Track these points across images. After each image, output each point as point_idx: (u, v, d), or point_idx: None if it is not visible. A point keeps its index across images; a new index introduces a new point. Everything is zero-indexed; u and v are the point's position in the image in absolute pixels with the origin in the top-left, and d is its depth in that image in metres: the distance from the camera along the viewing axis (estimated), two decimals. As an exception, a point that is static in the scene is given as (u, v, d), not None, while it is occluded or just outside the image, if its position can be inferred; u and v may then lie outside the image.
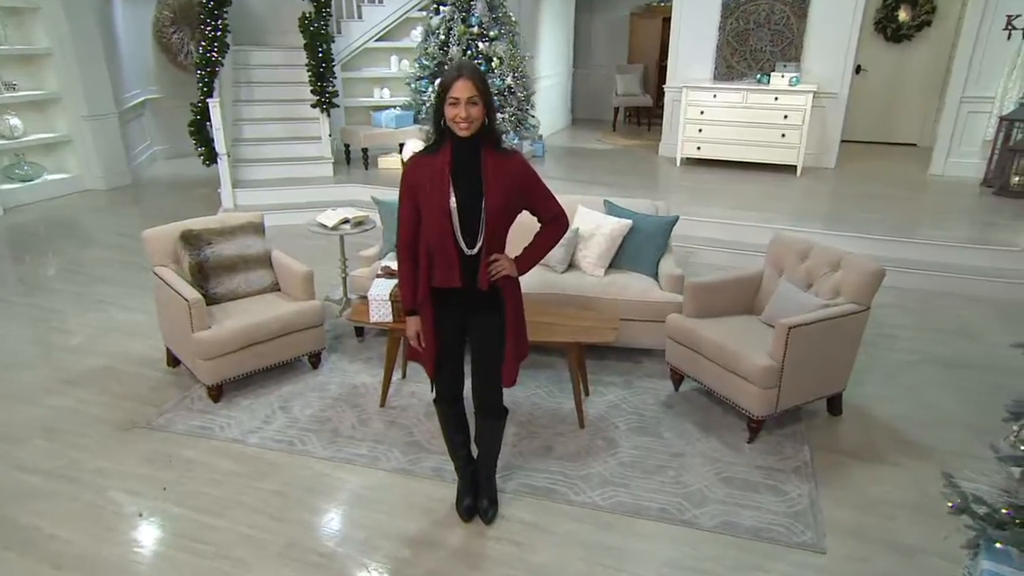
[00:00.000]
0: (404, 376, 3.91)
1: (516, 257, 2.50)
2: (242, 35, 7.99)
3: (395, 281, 3.55)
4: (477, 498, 2.85)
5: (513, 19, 7.97)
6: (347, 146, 8.21)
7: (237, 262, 4.01)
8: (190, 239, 3.94)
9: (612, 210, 4.32)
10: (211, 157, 7.19)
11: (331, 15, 7.78)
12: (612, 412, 3.60)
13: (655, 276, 4.18)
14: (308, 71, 7.44)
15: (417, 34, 8.73)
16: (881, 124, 9.43)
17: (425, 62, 8.05)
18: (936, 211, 6.43)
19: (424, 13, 8.28)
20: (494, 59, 7.67)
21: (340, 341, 4.36)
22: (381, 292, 3.46)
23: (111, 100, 8.25)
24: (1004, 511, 2.25)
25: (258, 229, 4.19)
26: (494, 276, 2.45)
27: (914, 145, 9.34)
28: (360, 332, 4.40)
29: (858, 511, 2.90)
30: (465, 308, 2.53)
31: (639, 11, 11.09)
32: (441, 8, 7.76)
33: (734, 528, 2.79)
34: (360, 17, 8.68)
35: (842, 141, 8.12)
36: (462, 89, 2.25)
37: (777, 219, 6.04)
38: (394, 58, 8.93)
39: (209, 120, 7.05)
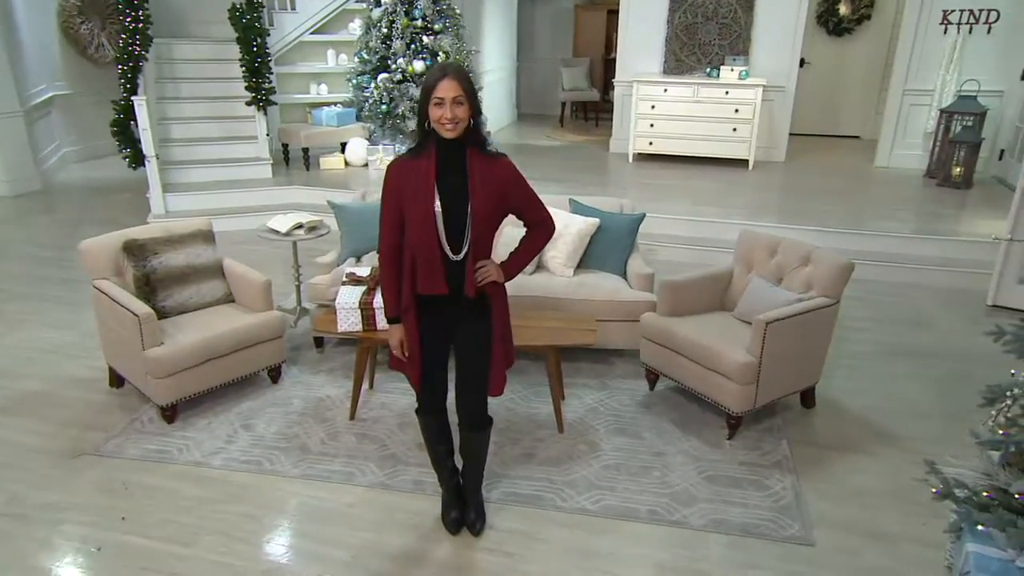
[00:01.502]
0: (372, 387, 3.89)
1: (503, 263, 2.53)
2: (161, 27, 7.70)
3: (363, 288, 3.53)
4: (465, 510, 2.87)
5: (457, 12, 7.99)
6: (285, 146, 8.06)
7: (187, 272, 3.90)
8: (134, 249, 3.81)
9: (578, 209, 4.41)
10: (138, 159, 6.93)
11: (263, 6, 7.61)
12: (590, 415, 3.68)
13: (624, 275, 4.29)
14: (242, 66, 7.27)
15: (356, 27, 8.63)
16: (825, 117, 9.88)
17: (366, 56, 7.98)
18: (885, 203, 6.80)
19: (364, 5, 8.18)
20: (440, 53, 7.67)
21: (298, 353, 4.30)
22: (349, 300, 3.44)
23: (14, 97, 7.81)
24: (985, 494, 2.43)
25: (208, 237, 4.09)
26: (481, 282, 2.47)
27: (857, 138, 9.83)
28: (320, 343, 4.34)
29: (841, 502, 3.06)
30: (450, 316, 2.55)
31: (583, 3, 11.28)
32: (382, 0, 7.70)
33: (724, 526, 2.90)
34: (294, 8, 8.50)
35: (790, 135, 8.47)
36: (447, 89, 2.26)
37: (734, 214, 6.27)
38: (331, 52, 8.80)
39: (134, 119, 6.79)
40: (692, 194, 6.90)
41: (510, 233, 3.31)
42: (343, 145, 8.15)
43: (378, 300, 3.45)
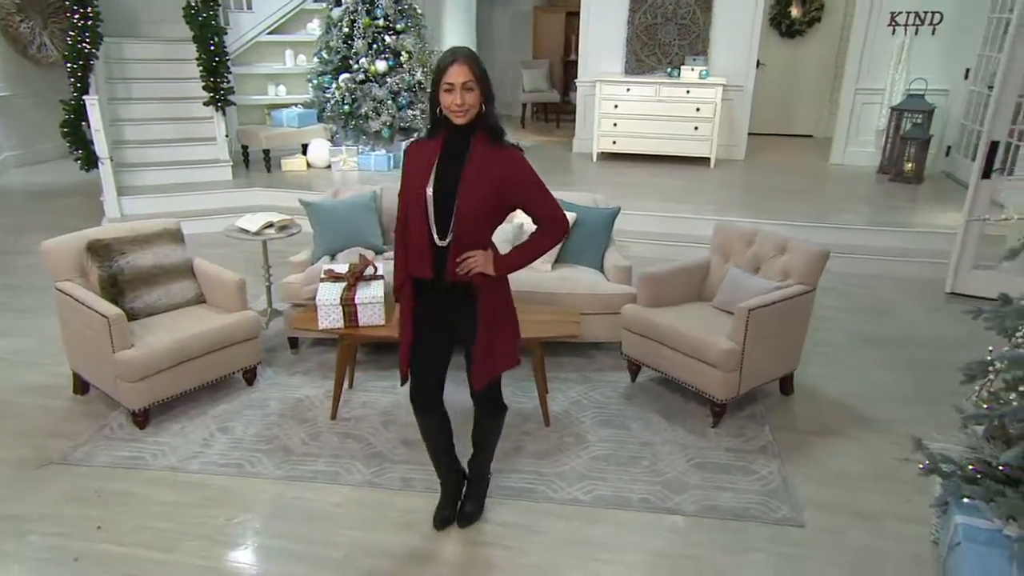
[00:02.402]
0: (352, 386, 3.81)
1: (502, 255, 2.50)
2: (109, 26, 7.43)
3: (343, 284, 3.46)
4: (460, 506, 2.83)
5: (419, 11, 7.94)
6: (245, 148, 7.87)
7: (156, 273, 3.77)
8: (99, 250, 3.66)
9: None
10: (90, 161, 6.67)
11: (219, 5, 7.43)
12: (575, 408, 3.67)
13: (601, 269, 4.31)
14: (199, 66, 7.08)
15: (315, 27, 8.51)
16: (780, 117, 10.12)
17: (326, 56, 7.87)
18: (842, 198, 7.00)
19: (323, 5, 8.07)
20: (403, 53, 7.62)
21: (272, 354, 4.19)
22: (330, 296, 3.36)
23: (-51, 100, 7.47)
24: (971, 468, 2.50)
25: (176, 236, 3.96)
26: (463, 272, 2.43)
27: (811, 136, 10.10)
28: (294, 344, 4.24)
29: (825, 485, 3.11)
30: (446, 305, 2.51)
31: (542, 5, 11.34)
32: (343, 0, 7.60)
33: (716, 511, 2.93)
34: (250, 8, 8.32)
35: (748, 134, 8.65)
36: (457, 74, 2.24)
37: (700, 210, 6.36)
38: (289, 52, 8.63)
39: (85, 119, 6.55)
40: (658, 192, 6.98)
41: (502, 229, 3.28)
42: (304, 146, 8.01)
43: (359, 296, 3.38)
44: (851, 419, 3.62)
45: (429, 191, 2.36)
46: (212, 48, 7.05)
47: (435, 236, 2.39)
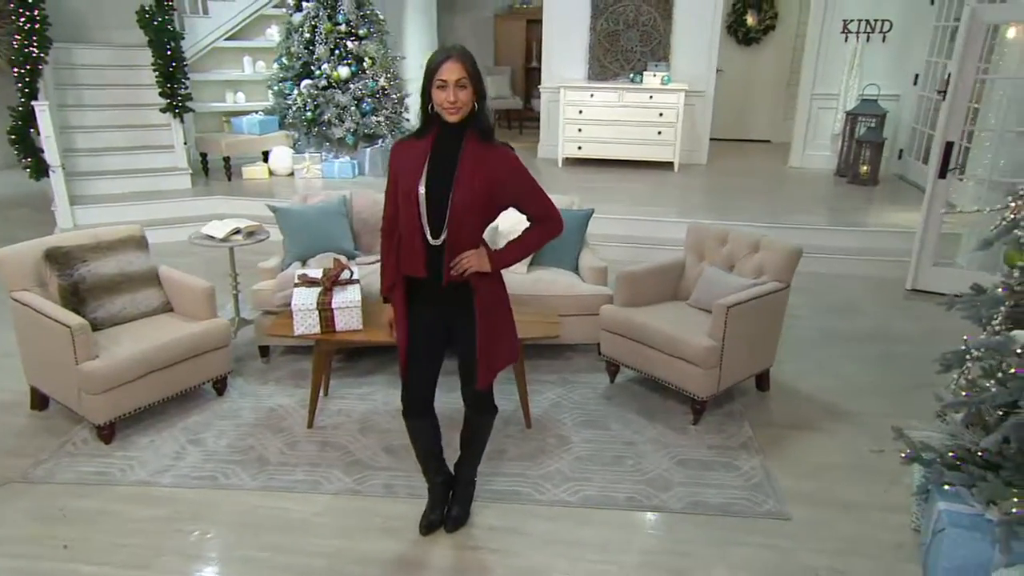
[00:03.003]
0: (327, 394, 3.73)
1: (496, 252, 2.47)
2: (57, 31, 7.18)
3: (318, 289, 3.38)
4: (446, 510, 2.78)
5: (381, 17, 7.88)
6: (204, 155, 7.68)
7: (119, 281, 3.63)
8: (58, 258, 3.51)
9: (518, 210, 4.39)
10: (40, 170, 6.43)
11: (175, 9, 7.25)
12: (555, 410, 3.66)
13: (576, 270, 4.31)
14: (155, 71, 6.91)
15: (273, 32, 8.39)
16: (738, 122, 10.32)
17: (287, 62, 7.74)
18: (803, 200, 7.15)
19: (283, 10, 7.95)
20: (366, 59, 7.55)
21: (241, 364, 4.07)
22: (306, 301, 3.28)
23: None
24: (951, 454, 2.55)
25: (140, 243, 3.83)
26: (459, 271, 2.40)
27: (768, 141, 10.32)
28: (265, 352, 4.13)
29: (807, 477, 3.15)
30: (441, 305, 2.48)
31: (503, 13, 11.37)
32: (304, 4, 7.50)
33: (702, 507, 2.93)
34: (206, 13, 8.15)
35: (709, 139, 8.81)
36: (450, 71, 2.22)
37: (668, 213, 6.44)
38: (248, 59, 8.49)
39: (34, 126, 6.31)
40: (624, 196, 7.03)
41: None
42: (265, 154, 7.86)
43: (336, 300, 3.31)
44: (826, 413, 3.68)
45: (421, 189, 2.33)
46: (168, 53, 6.89)
47: (428, 235, 2.36)
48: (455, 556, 2.67)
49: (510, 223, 4.19)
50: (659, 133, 7.98)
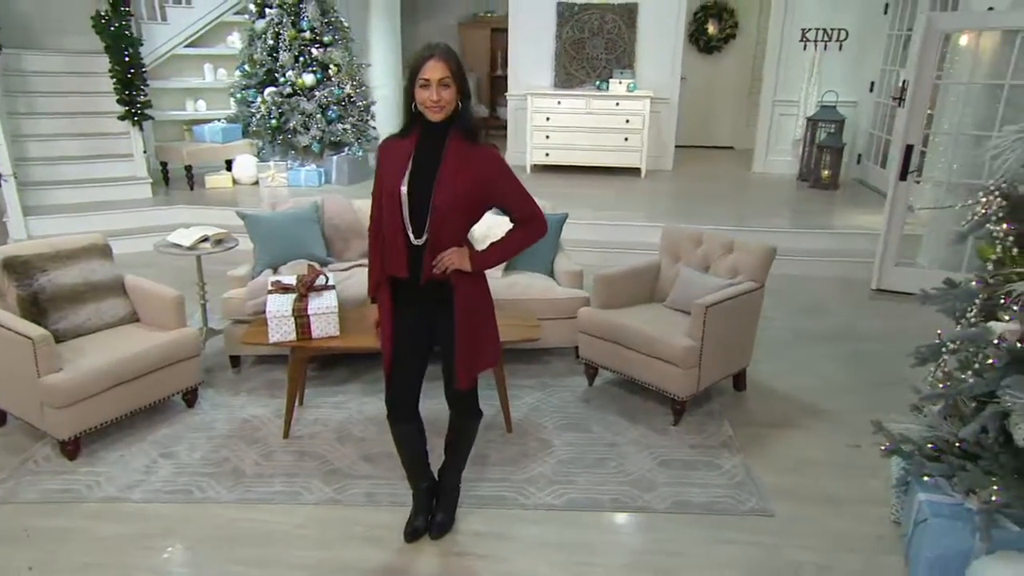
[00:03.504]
0: (302, 403, 3.64)
1: (478, 251, 2.44)
2: (4, 36, 6.94)
3: (293, 295, 3.31)
4: (431, 517, 2.73)
5: (345, 25, 7.82)
6: (164, 164, 7.50)
7: (83, 291, 3.51)
8: (16, 267, 3.38)
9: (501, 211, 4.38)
10: (-9, 179, 6.21)
11: (132, 14, 7.08)
12: (535, 414, 3.63)
13: (551, 274, 4.30)
14: (112, 78, 6.73)
15: (235, 39, 8.26)
16: (702, 129, 10.48)
17: (249, 69, 7.63)
18: (768, 203, 7.29)
19: (244, 17, 7.84)
20: (331, 66, 7.47)
21: (211, 375, 3.96)
22: (281, 308, 3.21)
23: None
24: (930, 446, 2.60)
25: (104, 252, 3.71)
26: (439, 270, 2.37)
27: (731, 148, 10.50)
28: (236, 362, 4.03)
29: (787, 474, 3.18)
30: (424, 305, 2.44)
31: (466, 22, 11.38)
32: (267, 11, 7.40)
33: (687, 506, 2.94)
34: (165, 20, 7.98)
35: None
36: (433, 70, 2.19)
37: (637, 218, 6.50)
38: (208, 66, 8.34)
39: (-16, 135, 6.10)
40: (593, 201, 7.06)
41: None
42: (229, 162, 7.71)
43: (312, 306, 3.25)
44: (802, 410, 3.73)
45: (404, 189, 2.31)
46: (126, 59, 6.73)
47: (410, 235, 2.32)
48: (441, 563, 2.62)
49: (484, 227, 4.18)
50: (626, 139, 8.06)
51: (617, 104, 7.99)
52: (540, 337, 3.47)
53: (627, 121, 7.99)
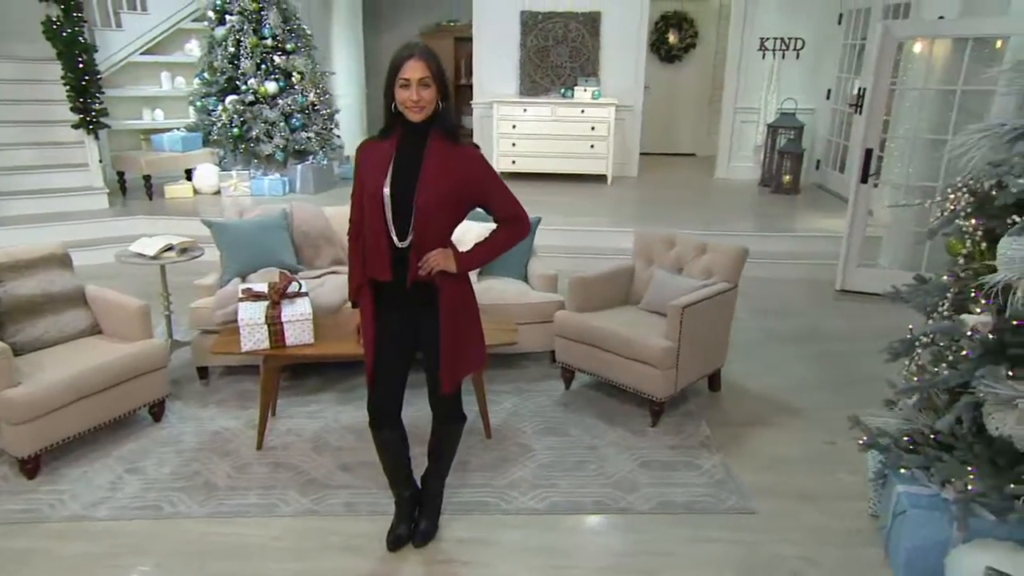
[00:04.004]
0: (274, 414, 3.55)
1: (463, 252, 2.42)
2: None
3: (266, 303, 3.24)
4: (414, 524, 2.68)
5: (308, 32, 7.74)
6: (121, 174, 7.31)
7: (40, 302, 3.38)
8: (-30, 278, 3.24)
9: (474, 215, 4.35)
10: (-62, 191, 5.97)
11: (85, 20, 6.89)
12: (513, 419, 3.61)
13: (525, 279, 4.29)
14: (66, 86, 6.54)
15: (193, 47, 8.12)
16: (664, 137, 10.64)
17: (209, 77, 7.49)
18: (732, 208, 7.41)
19: (203, 24, 7.71)
20: (294, 74, 7.38)
21: (178, 388, 3.84)
22: (253, 315, 3.13)
23: None
24: (906, 439, 2.65)
25: (63, 262, 3.58)
26: (425, 271, 2.35)
27: (694, 155, 10.67)
28: (204, 374, 3.92)
29: (765, 472, 3.21)
30: (408, 308, 2.41)
31: (429, 31, 11.37)
32: (227, 18, 7.28)
33: (669, 507, 2.94)
34: (119, 26, 7.80)
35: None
36: (414, 69, 2.17)
37: (606, 223, 6.54)
38: (166, 74, 8.17)
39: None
40: (561, 208, 7.08)
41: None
42: (189, 172, 7.54)
43: (285, 314, 3.18)
44: (777, 409, 3.77)
45: (386, 190, 2.27)
46: (80, 66, 6.55)
47: (394, 237, 2.29)
48: (425, 571, 2.57)
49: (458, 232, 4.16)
50: (592, 146, 8.12)
51: (582, 112, 8.06)
52: (518, 341, 3.45)
53: (593, 128, 8.05)
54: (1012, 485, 2.31)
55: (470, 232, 3.50)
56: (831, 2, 8.30)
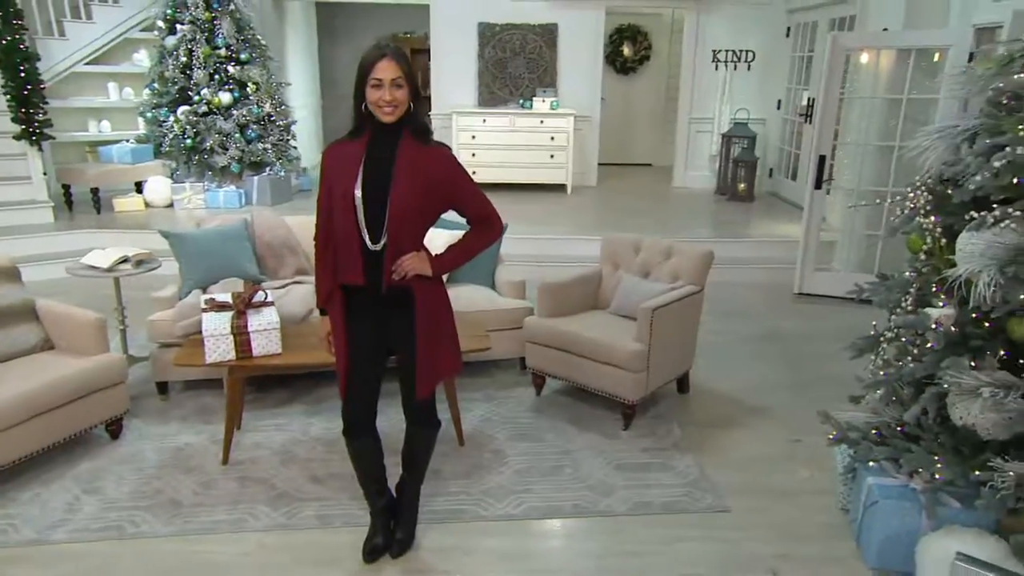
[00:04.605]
0: (239, 427, 3.46)
1: (437, 255, 2.40)
2: None
3: (230, 313, 3.16)
4: (390, 535, 2.64)
5: (263, 43, 7.64)
6: (67, 187, 7.06)
7: (-11, 317, 3.23)
8: (-88, 293, 3.08)
9: (441, 223, 4.33)
10: None
11: (26, 28, 6.66)
12: (486, 426, 3.59)
13: (492, 286, 4.29)
14: (6, 95, 6.31)
15: (142, 57, 7.92)
16: (621, 147, 10.78)
17: (160, 87, 7.32)
18: (690, 215, 7.55)
19: (152, 34, 7.54)
20: (249, 84, 7.27)
21: (136, 404, 3.71)
22: (218, 326, 3.05)
23: None
24: (874, 432, 2.73)
25: (11, 274, 3.44)
26: (399, 276, 2.32)
27: (650, 165, 10.84)
28: (163, 389, 3.80)
29: (737, 470, 3.26)
30: (381, 313, 2.37)
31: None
32: (178, 27, 7.14)
33: (646, 507, 2.96)
34: (63, 35, 7.56)
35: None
36: (386, 70, 2.15)
37: (568, 231, 6.59)
38: (113, 85, 7.95)
39: None
40: (523, 217, 7.09)
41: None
42: (139, 184, 7.34)
43: (252, 323, 3.10)
44: (744, 410, 3.84)
45: (358, 192, 2.24)
46: (22, 75, 6.32)
47: (367, 240, 2.26)
48: (404, 582, 2.53)
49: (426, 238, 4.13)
50: (551, 156, 8.19)
51: (541, 122, 8.13)
52: (490, 347, 3.44)
53: (552, 138, 8.13)
54: (977, 472, 2.40)
55: (439, 239, 3.49)
56: (779, 16, 8.57)
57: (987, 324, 2.41)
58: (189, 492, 2.99)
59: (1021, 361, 2.42)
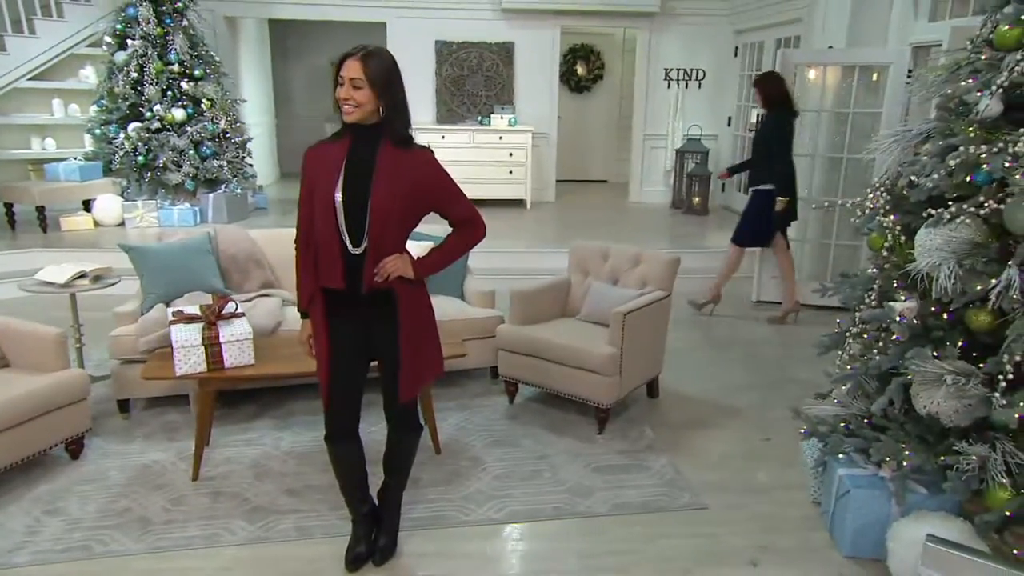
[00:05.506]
0: (208, 443, 3.37)
1: (419, 258, 2.41)
2: None
3: (200, 324, 3.10)
4: (372, 543, 2.61)
5: (217, 59, 7.57)
6: (9, 206, 6.83)
7: (-59, 334, 3.10)
8: None
9: (413, 235, 4.35)
10: None
11: (-37, 42, 6.48)
12: (461, 434, 3.59)
13: (462, 296, 4.31)
14: (-55, 111, 6.10)
15: (88, 73, 7.74)
16: (577, 164, 10.97)
17: (109, 104, 7.17)
18: (648, 229, 7.72)
19: (100, 50, 7.39)
20: (203, 100, 7.17)
21: (96, 423, 3.58)
22: (189, 337, 2.99)
23: None
24: (843, 424, 2.83)
25: (-36, 289, 3.30)
26: (381, 278, 2.33)
27: (606, 181, 11.04)
28: (125, 407, 3.69)
29: (712, 469, 3.33)
30: (362, 316, 2.37)
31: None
32: (128, 42, 7.01)
33: (626, 507, 2.99)
34: (4, 50, 7.34)
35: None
36: (347, 68, 2.18)
37: (531, 244, 6.66)
38: (58, 101, 7.74)
39: None
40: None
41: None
42: (87, 203, 7.14)
43: (224, 334, 3.05)
44: (714, 411, 3.93)
45: (338, 196, 2.24)
46: (-37, 91, 6.12)
47: (348, 243, 2.26)
48: (389, 589, 2.51)
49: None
50: (510, 172, 8.28)
51: (500, 138, 8.22)
52: (467, 354, 3.45)
53: (511, 155, 8.23)
54: (943, 458, 2.51)
55: (413, 251, 3.50)
56: (727, 36, 8.89)
57: (946, 316, 2.54)
58: (159, 509, 2.91)
59: (976, 353, 2.55)
